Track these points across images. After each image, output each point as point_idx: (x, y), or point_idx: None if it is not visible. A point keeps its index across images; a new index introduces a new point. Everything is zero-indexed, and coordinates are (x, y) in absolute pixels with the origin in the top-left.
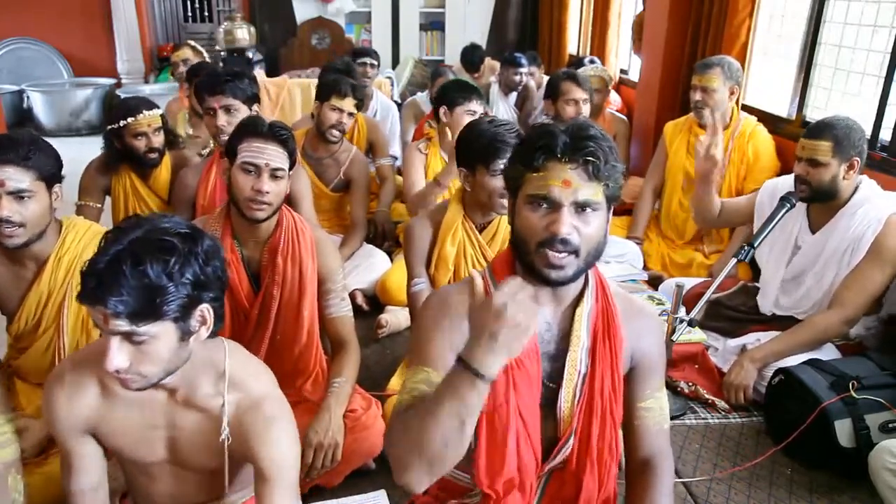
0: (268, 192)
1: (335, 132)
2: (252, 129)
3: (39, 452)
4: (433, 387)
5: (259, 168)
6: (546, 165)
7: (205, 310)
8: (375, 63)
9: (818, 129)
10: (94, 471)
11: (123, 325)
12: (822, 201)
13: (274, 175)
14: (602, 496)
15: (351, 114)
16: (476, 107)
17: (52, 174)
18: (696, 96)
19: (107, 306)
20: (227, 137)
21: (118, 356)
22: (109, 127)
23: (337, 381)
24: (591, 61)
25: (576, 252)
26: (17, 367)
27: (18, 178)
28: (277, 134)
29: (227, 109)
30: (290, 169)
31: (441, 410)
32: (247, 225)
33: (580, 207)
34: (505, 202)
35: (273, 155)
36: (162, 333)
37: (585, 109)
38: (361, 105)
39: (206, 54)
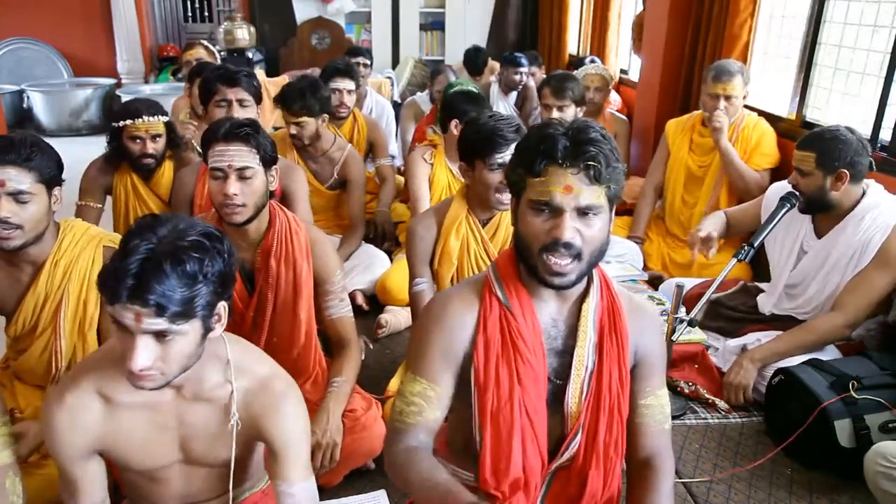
0: (236, 195)
1: (297, 142)
2: (213, 133)
3: (30, 454)
4: (429, 401)
5: (224, 171)
6: (547, 170)
7: (222, 307)
8: (368, 62)
9: (806, 140)
10: (101, 490)
11: (161, 322)
12: (818, 211)
13: (241, 175)
14: (606, 495)
15: (305, 124)
16: None
17: (52, 177)
18: (720, 105)
19: (147, 304)
20: None
21: (144, 354)
22: (112, 124)
23: (336, 380)
24: (592, 61)
25: (578, 255)
26: (16, 369)
27: (19, 179)
28: (238, 133)
29: (242, 103)
30: (268, 165)
31: (430, 500)
32: (233, 228)
33: (582, 212)
34: (502, 198)
35: (235, 154)
36: (190, 331)
37: (563, 116)
38: (315, 114)
39: (217, 54)
